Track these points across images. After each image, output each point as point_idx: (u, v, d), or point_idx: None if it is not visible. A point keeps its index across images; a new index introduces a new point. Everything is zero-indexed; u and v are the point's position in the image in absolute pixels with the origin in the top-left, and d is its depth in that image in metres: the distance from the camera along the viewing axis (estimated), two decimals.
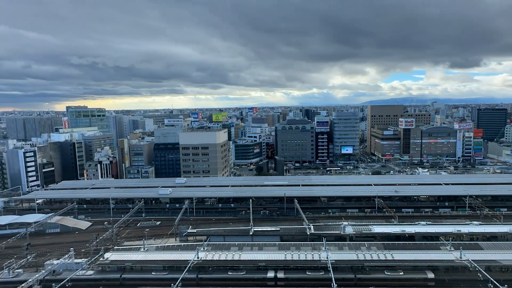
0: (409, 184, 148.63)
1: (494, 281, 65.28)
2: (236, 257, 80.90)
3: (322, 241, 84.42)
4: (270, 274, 76.62)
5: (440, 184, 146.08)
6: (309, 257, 79.78)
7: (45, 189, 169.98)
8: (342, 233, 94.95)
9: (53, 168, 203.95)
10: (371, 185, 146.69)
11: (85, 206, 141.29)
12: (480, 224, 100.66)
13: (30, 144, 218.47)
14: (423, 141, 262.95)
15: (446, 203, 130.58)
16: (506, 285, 64.01)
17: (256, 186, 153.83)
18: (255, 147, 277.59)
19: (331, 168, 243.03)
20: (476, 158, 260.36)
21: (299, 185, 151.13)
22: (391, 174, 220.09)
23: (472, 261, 73.24)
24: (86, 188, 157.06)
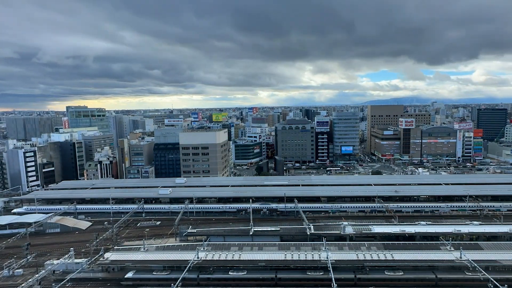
0: (409, 184, 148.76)
1: (494, 281, 65.29)
2: (236, 257, 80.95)
3: (322, 241, 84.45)
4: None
5: (440, 184, 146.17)
6: (309, 257, 79.80)
7: (45, 189, 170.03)
8: (342, 233, 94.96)
9: (53, 168, 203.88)
10: (371, 185, 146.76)
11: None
12: (480, 224, 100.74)
13: (30, 144, 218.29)
14: (423, 141, 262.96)
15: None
16: (506, 285, 64.03)
17: (256, 186, 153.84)
18: (255, 147, 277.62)
19: (331, 168, 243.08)
20: (476, 158, 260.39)
21: (299, 185, 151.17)
22: (391, 174, 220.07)
23: (472, 261, 73.31)
24: (86, 188, 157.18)
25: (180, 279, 70.14)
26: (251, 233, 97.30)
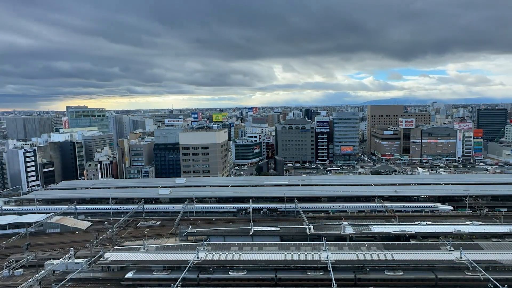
0: (409, 184, 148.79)
1: (494, 281, 65.28)
2: (236, 257, 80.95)
3: (322, 241, 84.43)
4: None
5: (440, 184, 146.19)
6: (309, 257, 79.81)
7: (45, 189, 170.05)
8: (342, 233, 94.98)
9: (53, 168, 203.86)
10: (371, 185, 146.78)
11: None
12: (480, 224, 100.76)
13: (30, 144, 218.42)
14: (423, 141, 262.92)
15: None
16: (506, 285, 64.02)
17: (256, 186, 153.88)
18: (255, 147, 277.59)
19: (331, 168, 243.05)
20: (476, 158, 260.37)
21: (299, 185, 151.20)
22: (391, 174, 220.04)
23: (472, 261, 73.31)
24: (86, 188, 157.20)
25: (180, 279, 70.16)
26: (251, 233, 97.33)
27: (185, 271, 73.66)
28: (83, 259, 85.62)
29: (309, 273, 76.11)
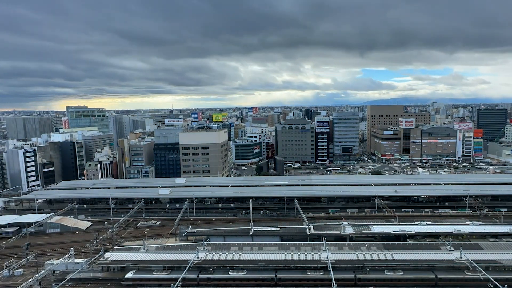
0: (409, 184, 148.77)
1: (494, 281, 65.31)
2: (236, 257, 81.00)
3: (322, 241, 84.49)
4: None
5: (440, 184, 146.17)
6: (309, 257, 79.84)
7: (45, 189, 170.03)
8: (342, 233, 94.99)
9: (53, 168, 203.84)
10: (371, 185, 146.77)
11: (85, 206, 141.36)
12: (480, 224, 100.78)
13: (30, 144, 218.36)
14: (423, 141, 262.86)
15: (446, 203, 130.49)
16: (506, 285, 64.04)
17: (256, 186, 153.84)
18: (255, 147, 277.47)
19: (331, 168, 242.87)
20: (476, 158, 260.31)
21: (299, 185, 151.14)
22: (391, 174, 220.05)
23: (472, 261, 73.37)
24: (86, 188, 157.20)
25: (180, 279, 70.20)
26: (251, 233, 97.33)
27: (185, 271, 73.70)
28: (83, 259, 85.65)
29: (309, 273, 76.13)
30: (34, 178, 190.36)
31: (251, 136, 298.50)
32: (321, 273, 75.25)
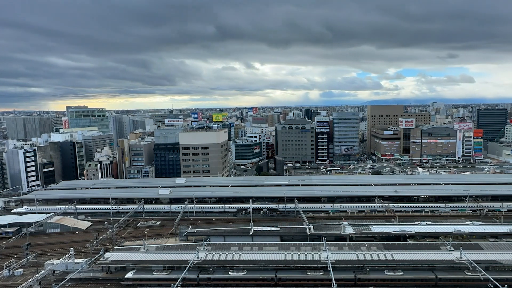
0: (409, 184, 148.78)
1: (494, 281, 65.32)
2: (236, 257, 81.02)
3: (322, 241, 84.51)
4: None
5: (440, 184, 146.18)
6: (309, 257, 79.86)
7: (45, 189, 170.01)
8: (342, 233, 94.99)
9: (53, 168, 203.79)
10: (371, 185, 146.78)
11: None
12: (480, 224, 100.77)
13: (30, 144, 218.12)
14: (423, 141, 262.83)
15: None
16: (506, 285, 64.06)
17: (256, 186, 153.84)
18: (255, 147, 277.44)
19: (331, 168, 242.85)
20: (476, 158, 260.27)
21: (299, 185, 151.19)
22: (391, 174, 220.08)
23: (472, 261, 73.39)
24: (86, 188, 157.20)
25: (180, 279, 70.22)
26: (251, 233, 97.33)
27: (185, 271, 73.71)
28: (83, 259, 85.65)
29: (309, 273, 76.14)
30: (34, 178, 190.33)
31: (251, 136, 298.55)
32: (321, 273, 75.25)
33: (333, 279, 67.76)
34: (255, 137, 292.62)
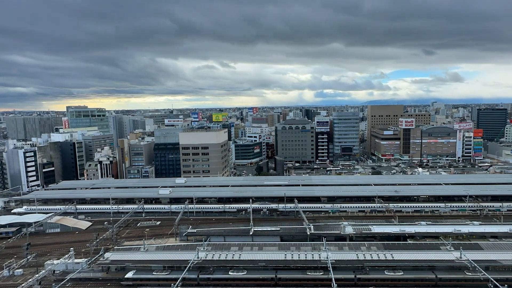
0: (409, 184, 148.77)
1: (494, 281, 65.32)
2: (236, 257, 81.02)
3: (322, 241, 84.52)
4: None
5: (440, 184, 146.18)
6: (309, 257, 79.87)
7: (45, 189, 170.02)
8: (342, 233, 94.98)
9: (53, 168, 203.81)
10: (371, 185, 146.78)
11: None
12: (480, 224, 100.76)
13: (30, 144, 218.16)
14: (423, 141, 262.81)
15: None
16: (506, 285, 64.06)
17: (256, 186, 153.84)
18: (255, 147, 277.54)
19: (331, 168, 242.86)
20: (476, 158, 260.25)
21: (299, 185, 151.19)
22: (391, 174, 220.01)
23: (472, 261, 73.38)
24: (86, 188, 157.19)
25: (180, 279, 70.22)
26: (251, 233, 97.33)
27: (185, 271, 73.71)
28: (83, 259, 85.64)
29: (309, 273, 76.12)
30: (34, 178, 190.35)
31: (251, 136, 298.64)
32: (321, 273, 75.25)
33: (333, 279, 67.78)
34: (255, 137, 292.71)
